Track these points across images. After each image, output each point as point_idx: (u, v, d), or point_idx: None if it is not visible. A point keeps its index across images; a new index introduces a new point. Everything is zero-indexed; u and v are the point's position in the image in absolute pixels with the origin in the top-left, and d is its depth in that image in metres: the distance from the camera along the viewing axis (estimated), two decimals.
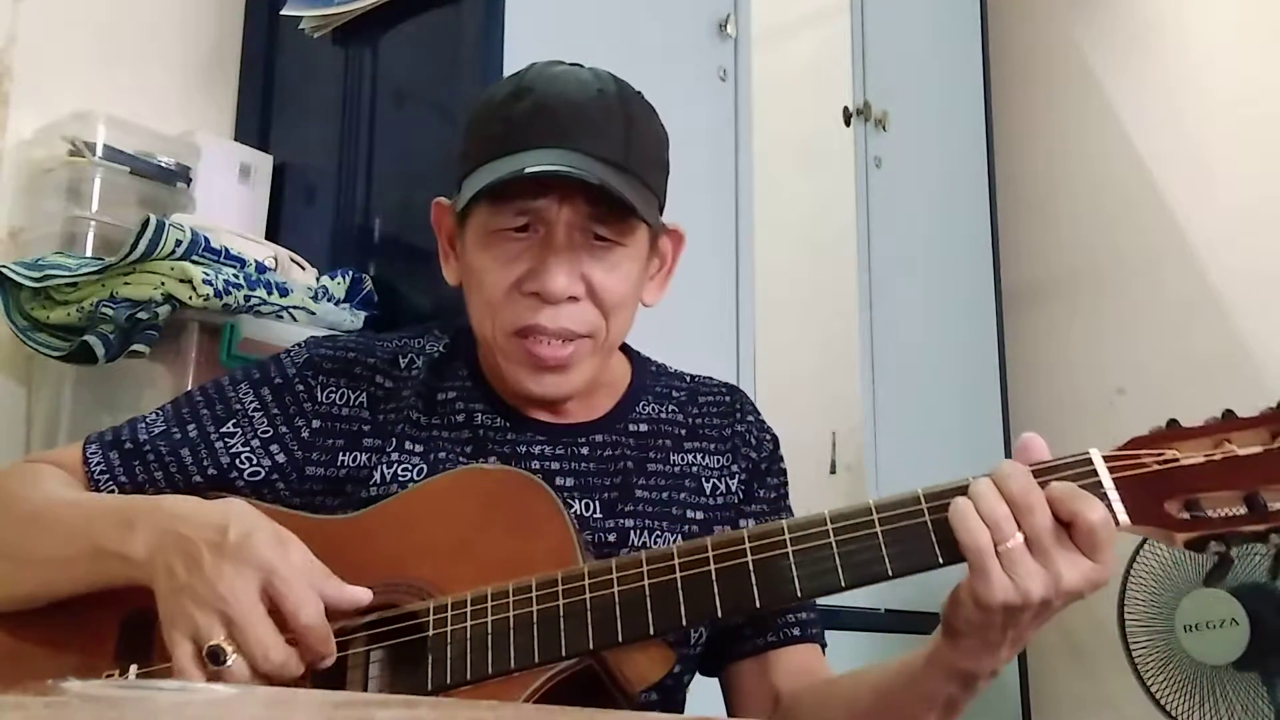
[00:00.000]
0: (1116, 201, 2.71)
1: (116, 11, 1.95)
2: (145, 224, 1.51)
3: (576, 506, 1.05)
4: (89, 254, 1.66)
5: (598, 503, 1.07)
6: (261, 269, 1.63)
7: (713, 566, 0.88)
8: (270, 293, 1.59)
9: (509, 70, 1.66)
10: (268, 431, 1.06)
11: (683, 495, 1.10)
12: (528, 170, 0.97)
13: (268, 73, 2.06)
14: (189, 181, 1.81)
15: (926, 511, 0.86)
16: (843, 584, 0.86)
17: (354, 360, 1.10)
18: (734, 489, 1.13)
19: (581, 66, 1.09)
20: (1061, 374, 2.72)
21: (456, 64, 1.77)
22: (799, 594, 0.87)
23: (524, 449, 1.08)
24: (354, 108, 1.90)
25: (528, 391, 1.05)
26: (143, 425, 1.08)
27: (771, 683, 1.08)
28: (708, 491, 1.12)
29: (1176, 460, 0.84)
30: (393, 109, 1.86)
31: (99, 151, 1.71)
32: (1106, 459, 0.86)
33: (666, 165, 1.10)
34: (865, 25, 2.42)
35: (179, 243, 1.53)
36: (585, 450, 1.09)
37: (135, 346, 1.53)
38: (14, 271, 1.56)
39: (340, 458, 1.06)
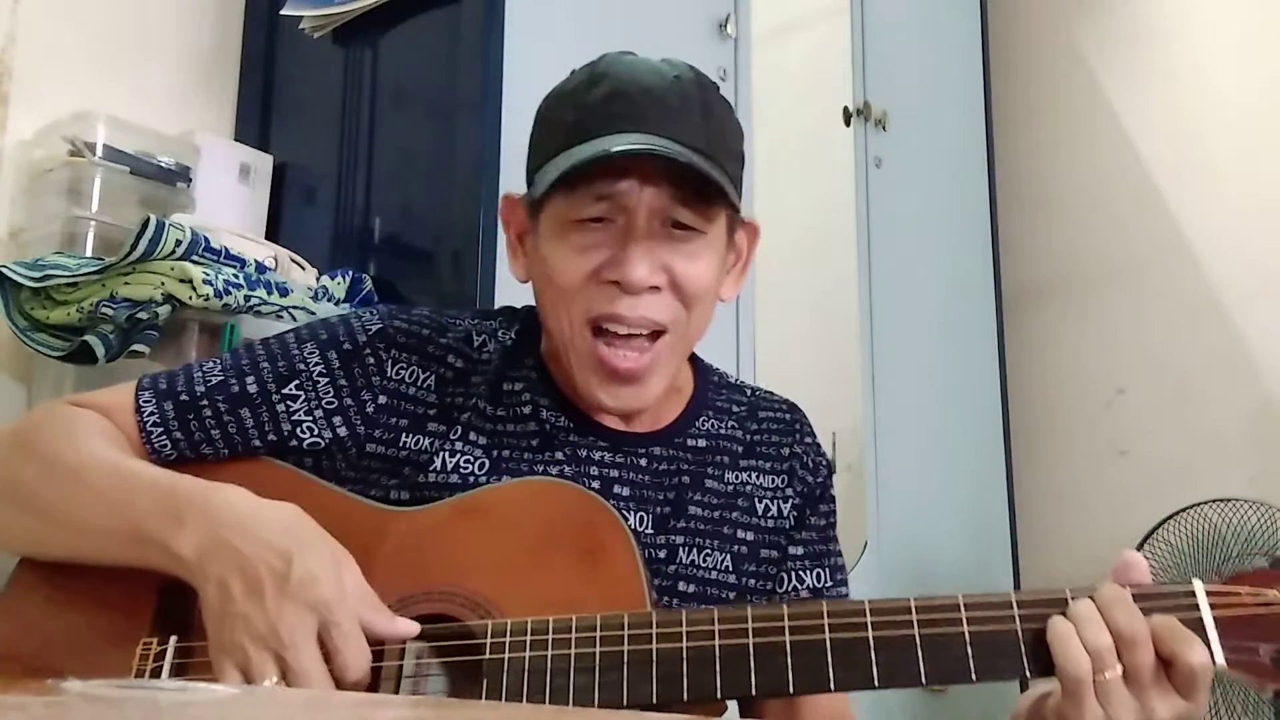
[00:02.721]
0: (1117, 201, 2.71)
1: (116, 11, 1.95)
2: (145, 224, 1.51)
3: (630, 519, 1.03)
4: (89, 254, 1.66)
5: (651, 516, 1.04)
6: (261, 269, 1.63)
7: (788, 638, 0.84)
8: (270, 293, 1.59)
9: (509, 70, 1.69)
10: (332, 402, 1.02)
11: (735, 515, 1.08)
12: (614, 150, 0.93)
13: (268, 73, 2.06)
14: (189, 181, 1.81)
15: (1018, 619, 0.83)
16: (924, 679, 0.82)
17: (429, 338, 1.05)
18: (786, 513, 1.10)
19: (654, 59, 1.05)
20: (1061, 374, 2.72)
21: (456, 64, 1.77)
22: (876, 681, 0.83)
23: (585, 453, 1.05)
24: (354, 108, 1.90)
25: (598, 402, 1.01)
26: (199, 374, 1.03)
27: None
28: (760, 512, 1.09)
29: (1275, 604, 0.83)
30: (393, 109, 1.86)
31: (99, 151, 1.71)
32: (1210, 593, 0.83)
33: (743, 158, 1.06)
34: (865, 25, 2.42)
35: (179, 243, 1.53)
36: (644, 462, 1.06)
37: (135, 346, 1.53)
38: (14, 271, 1.56)
39: (403, 438, 1.02)
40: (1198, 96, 2.62)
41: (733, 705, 1.12)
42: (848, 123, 2.36)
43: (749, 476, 1.10)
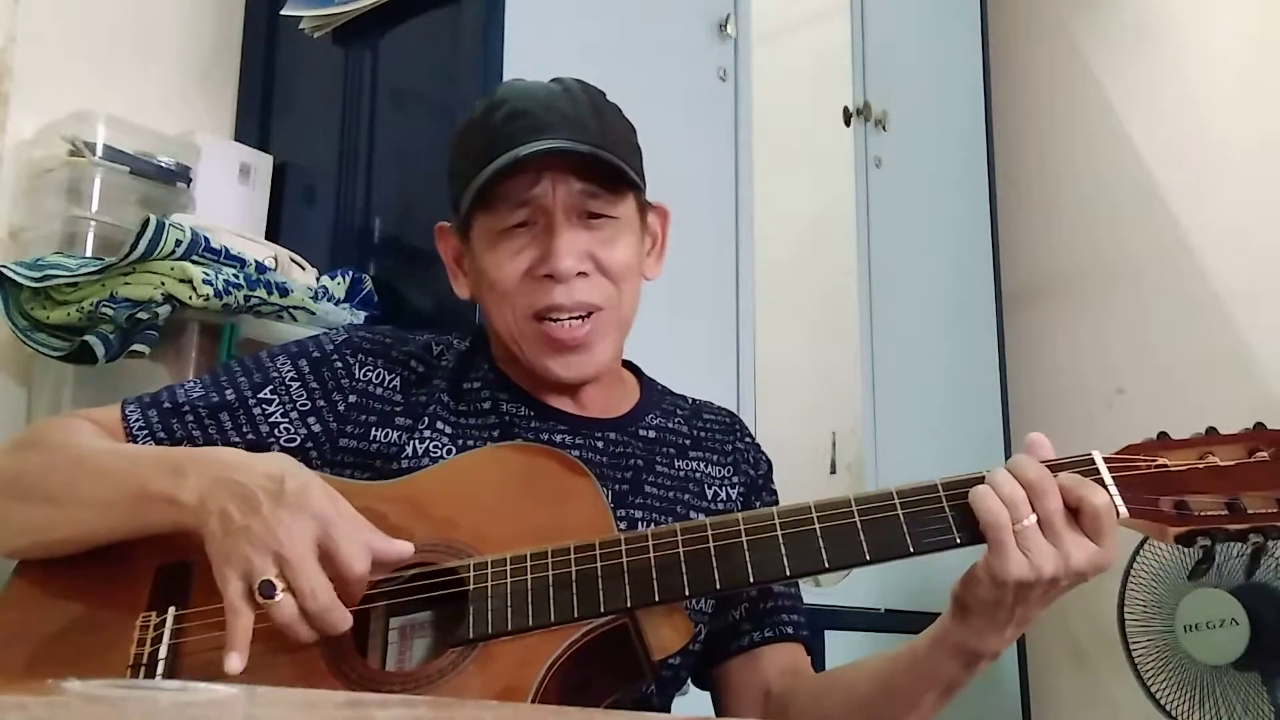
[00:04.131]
0: (1116, 201, 2.71)
1: (116, 11, 1.95)
2: (145, 224, 1.51)
3: None
4: (89, 254, 1.66)
5: (610, 493, 1.09)
6: (261, 269, 1.63)
7: (744, 539, 0.93)
8: (270, 293, 1.59)
9: (509, 70, 1.69)
10: (306, 404, 1.09)
11: (687, 497, 1.15)
12: (522, 154, 1.04)
13: (268, 73, 2.06)
14: (189, 181, 1.81)
15: (945, 499, 0.93)
16: (867, 557, 0.92)
17: (391, 345, 1.14)
18: (734, 498, 1.19)
19: (543, 80, 1.16)
20: (1061, 374, 2.72)
21: (456, 64, 1.77)
22: (826, 564, 0.92)
23: (546, 436, 1.12)
24: (354, 108, 1.90)
25: (553, 375, 1.10)
26: (181, 390, 1.10)
27: (763, 678, 1.12)
28: (709, 497, 1.17)
29: (1166, 466, 0.94)
30: (393, 109, 1.86)
31: (99, 151, 1.71)
32: (1105, 460, 0.94)
33: (639, 150, 1.16)
34: (865, 25, 2.42)
35: (179, 243, 1.53)
36: (600, 444, 1.14)
37: (135, 346, 1.53)
38: (14, 271, 1.56)
39: (373, 433, 1.09)
40: (1198, 96, 2.62)
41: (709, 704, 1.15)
42: (848, 123, 2.36)
43: (697, 465, 1.19)
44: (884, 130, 2.40)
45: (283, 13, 1.93)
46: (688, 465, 1.18)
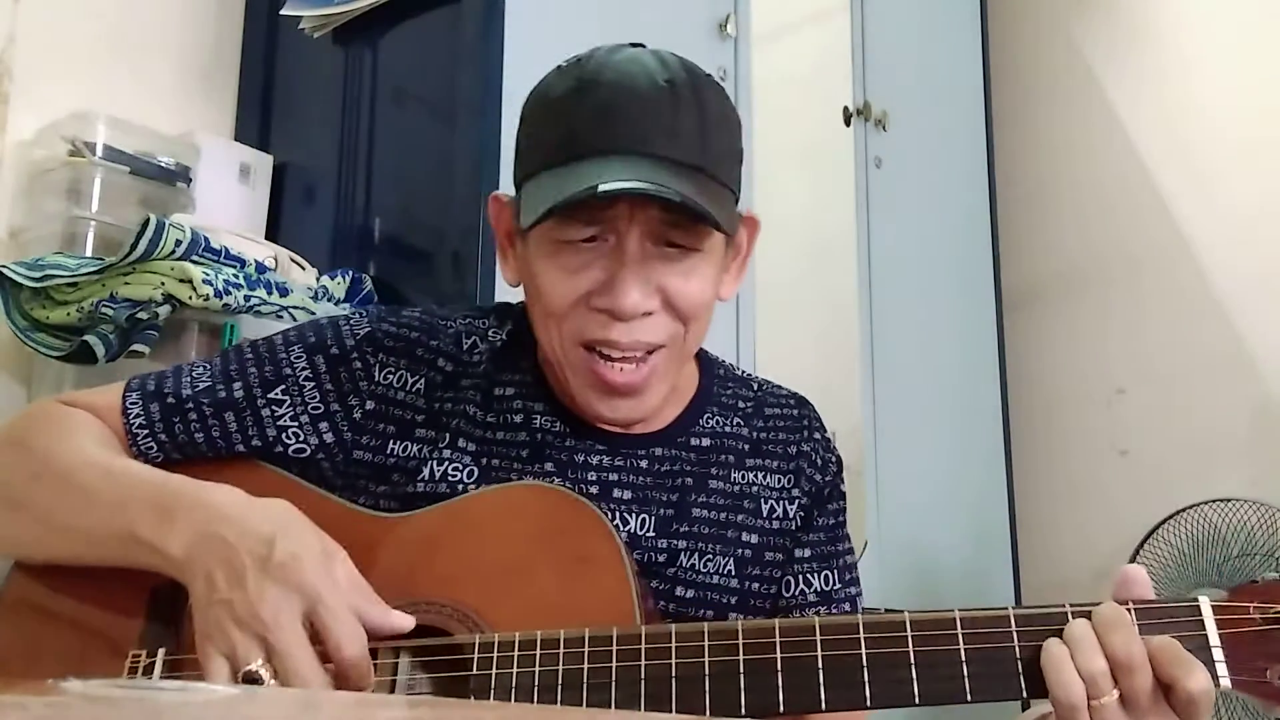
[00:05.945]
0: (1116, 201, 2.71)
1: (116, 11, 1.95)
2: (145, 224, 1.51)
3: (632, 522, 1.02)
4: (89, 254, 1.66)
5: (653, 519, 1.02)
6: (261, 269, 1.63)
7: (779, 655, 0.82)
8: (270, 293, 1.59)
9: (509, 70, 1.69)
10: (319, 408, 1.01)
11: (740, 517, 1.05)
12: (601, 190, 0.89)
13: (268, 73, 2.06)
14: (189, 181, 1.81)
15: (1016, 636, 0.80)
16: (916, 698, 0.80)
17: (417, 340, 1.04)
18: (792, 515, 1.07)
19: (643, 48, 1.01)
20: (1061, 374, 2.72)
21: (456, 64, 1.77)
22: (868, 700, 0.80)
23: (581, 458, 1.02)
24: (354, 108, 1.90)
25: (599, 416, 0.99)
26: (188, 379, 1.02)
27: None
28: (764, 514, 1.06)
29: None
30: (393, 109, 1.86)
31: (99, 151, 1.71)
32: (1215, 609, 0.80)
33: (741, 153, 1.02)
34: (865, 25, 2.42)
35: (179, 243, 1.53)
36: (644, 463, 1.04)
37: (135, 346, 1.53)
38: (14, 271, 1.56)
39: (390, 445, 1.01)
40: (1197, 95, 2.62)
41: None
42: (848, 123, 2.36)
43: (755, 476, 1.07)
44: (884, 130, 2.40)
45: (283, 13, 1.93)
46: (745, 477, 1.06)
